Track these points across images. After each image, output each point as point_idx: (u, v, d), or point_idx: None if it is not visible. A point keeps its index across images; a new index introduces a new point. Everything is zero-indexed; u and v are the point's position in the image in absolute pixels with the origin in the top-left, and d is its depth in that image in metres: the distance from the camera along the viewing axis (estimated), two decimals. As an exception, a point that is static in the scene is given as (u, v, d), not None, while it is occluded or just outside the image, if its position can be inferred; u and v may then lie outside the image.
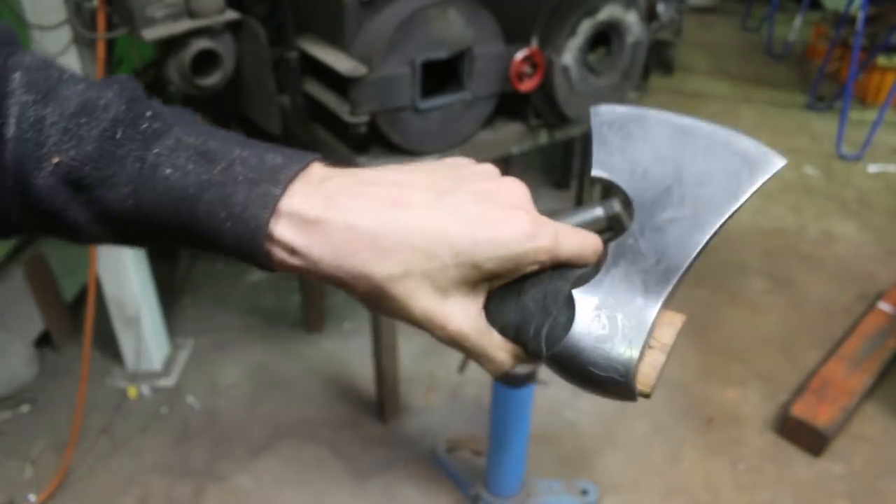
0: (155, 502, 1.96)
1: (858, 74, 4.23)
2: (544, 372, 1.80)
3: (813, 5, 5.45)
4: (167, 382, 2.34)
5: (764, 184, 0.43)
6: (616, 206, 0.71)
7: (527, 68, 1.79)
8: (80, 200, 0.40)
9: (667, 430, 2.22)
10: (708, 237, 0.42)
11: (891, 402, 2.30)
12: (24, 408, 2.24)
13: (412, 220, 0.39)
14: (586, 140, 2.44)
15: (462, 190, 0.41)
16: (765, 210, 3.45)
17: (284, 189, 0.39)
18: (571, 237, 0.43)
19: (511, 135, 1.93)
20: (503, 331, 0.44)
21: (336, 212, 0.39)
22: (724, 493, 2.02)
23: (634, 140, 0.46)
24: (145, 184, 0.39)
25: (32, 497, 1.95)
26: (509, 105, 1.90)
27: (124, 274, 2.13)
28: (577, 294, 0.41)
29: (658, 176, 0.45)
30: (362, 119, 1.64)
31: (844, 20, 4.54)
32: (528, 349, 0.43)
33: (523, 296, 0.43)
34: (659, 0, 2.08)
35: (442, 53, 1.68)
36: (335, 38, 1.71)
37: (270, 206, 0.38)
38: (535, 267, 0.42)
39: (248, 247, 0.39)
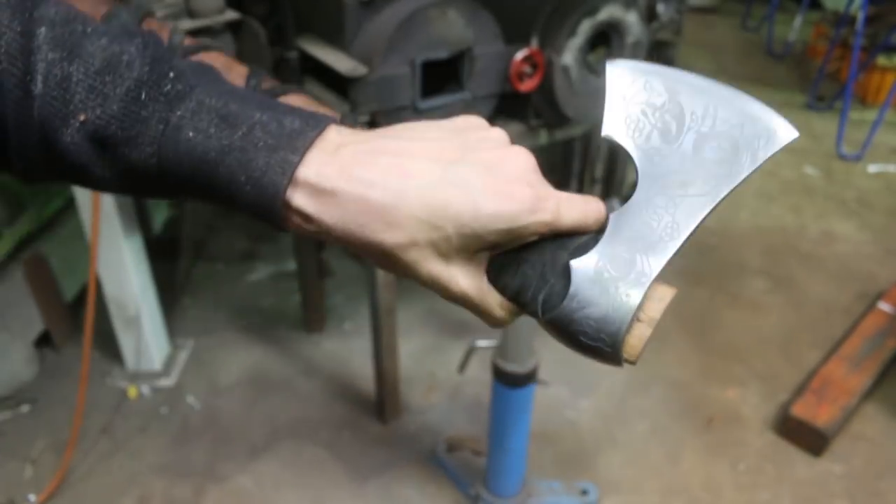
0: (155, 502, 1.96)
1: (858, 74, 4.23)
2: (544, 372, 1.80)
3: (813, 5, 5.45)
4: (167, 382, 2.34)
5: (771, 156, 0.43)
6: (616, 205, 0.71)
7: (527, 68, 1.79)
8: (105, 157, 0.42)
9: (667, 430, 2.22)
10: (708, 211, 0.42)
11: (891, 402, 2.30)
12: (24, 408, 2.24)
13: (419, 193, 0.41)
14: (586, 140, 2.44)
15: (468, 159, 0.43)
16: (765, 210, 3.45)
17: (302, 157, 0.41)
18: (573, 209, 0.44)
19: (511, 135, 1.92)
20: (503, 291, 0.46)
21: (349, 183, 0.41)
22: (724, 493, 2.02)
23: (649, 99, 0.46)
24: (168, 145, 0.41)
25: (32, 497, 1.95)
26: (509, 105, 1.90)
27: (124, 274, 2.13)
28: (574, 264, 0.43)
29: (668, 138, 0.44)
30: (362, 119, 1.64)
31: (844, 20, 4.55)
32: (527, 311, 0.46)
33: (523, 263, 0.45)
34: (659, 0, 2.08)
35: (442, 53, 1.68)
36: (335, 38, 1.71)
37: (288, 173, 0.41)
38: (535, 237, 0.44)
39: (266, 210, 0.42)
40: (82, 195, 1.98)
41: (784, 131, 0.43)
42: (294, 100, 0.54)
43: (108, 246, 2.06)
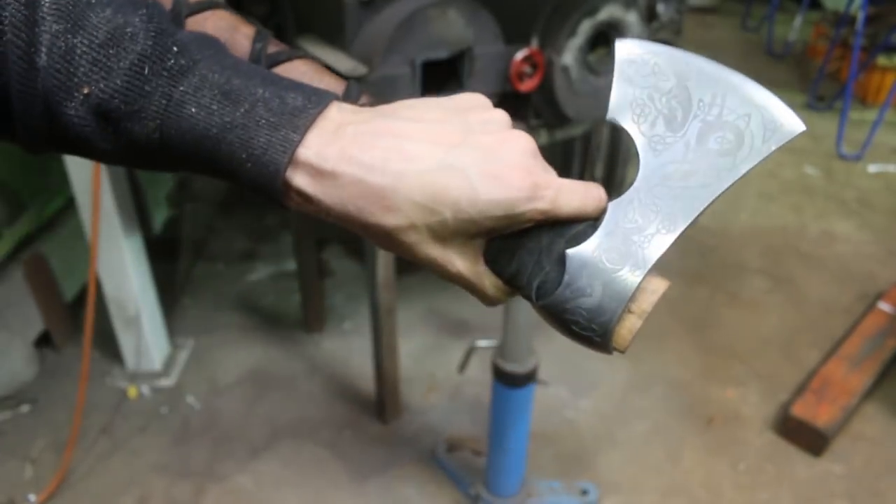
0: (155, 502, 1.96)
1: (858, 74, 4.23)
2: (544, 372, 1.80)
3: (813, 5, 5.45)
4: (167, 382, 2.34)
5: (777, 149, 0.42)
6: None
7: (527, 68, 1.79)
8: (108, 130, 0.42)
9: (667, 429, 2.22)
10: (708, 204, 0.42)
11: (891, 402, 2.30)
12: (24, 408, 2.24)
13: (418, 177, 0.41)
14: (586, 140, 2.44)
15: (469, 143, 0.43)
16: (765, 209, 3.45)
17: (303, 136, 0.41)
18: (572, 197, 0.44)
19: (511, 135, 1.93)
20: (500, 274, 0.46)
21: (349, 165, 0.41)
22: (724, 493, 2.02)
23: (656, 83, 0.45)
24: (170, 120, 0.41)
25: (32, 497, 1.95)
26: (509, 105, 1.90)
27: (124, 274, 2.13)
28: (570, 253, 0.43)
29: (673, 126, 0.44)
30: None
31: (844, 20, 4.55)
32: (522, 294, 0.46)
33: (520, 249, 0.45)
34: (659, 0, 2.08)
35: (442, 53, 1.68)
36: (335, 38, 1.71)
37: (289, 152, 0.41)
38: (532, 223, 0.44)
39: (266, 188, 0.42)
40: (82, 195, 1.98)
41: (790, 124, 0.43)
42: (299, 65, 0.54)
43: (108, 246, 2.06)
